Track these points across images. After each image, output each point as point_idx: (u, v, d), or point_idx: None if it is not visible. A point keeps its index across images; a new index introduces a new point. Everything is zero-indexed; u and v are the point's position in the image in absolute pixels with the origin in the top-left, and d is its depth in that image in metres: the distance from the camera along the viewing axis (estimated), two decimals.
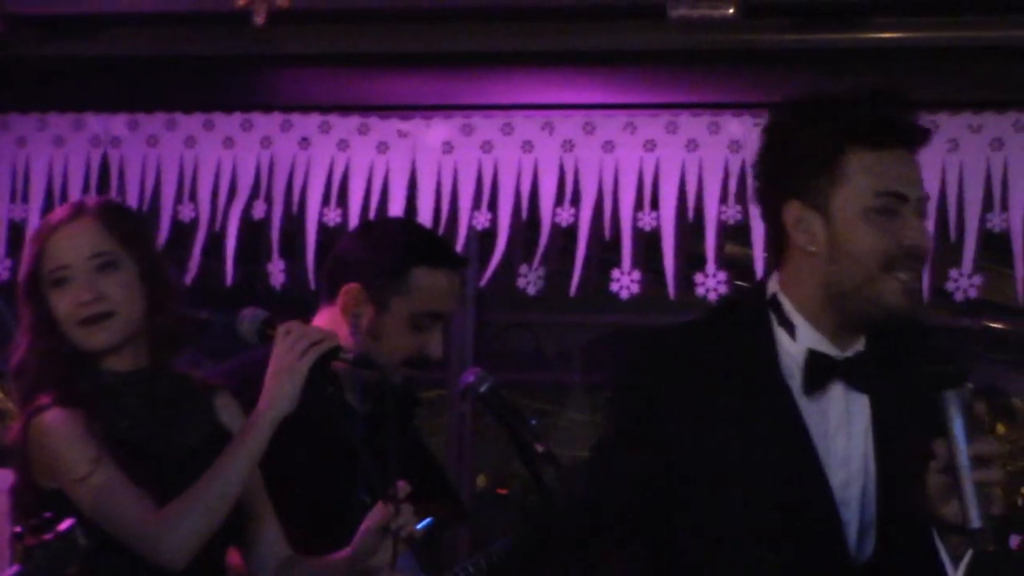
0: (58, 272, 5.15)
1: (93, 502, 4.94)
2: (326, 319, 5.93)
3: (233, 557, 5.38)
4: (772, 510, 4.41)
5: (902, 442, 4.46)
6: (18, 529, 4.57)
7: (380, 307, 5.88)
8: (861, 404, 4.46)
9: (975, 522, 4.16)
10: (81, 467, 4.98)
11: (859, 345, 4.50)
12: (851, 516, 4.43)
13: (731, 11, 7.23)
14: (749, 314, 4.61)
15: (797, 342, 4.47)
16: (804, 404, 4.42)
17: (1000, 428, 10.46)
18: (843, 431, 4.44)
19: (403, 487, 5.16)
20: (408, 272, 5.90)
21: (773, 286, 4.55)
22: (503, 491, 6.42)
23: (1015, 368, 9.58)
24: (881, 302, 4.47)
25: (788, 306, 4.50)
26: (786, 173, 4.50)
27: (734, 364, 4.51)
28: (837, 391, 4.45)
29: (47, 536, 4.45)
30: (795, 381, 4.45)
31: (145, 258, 5.29)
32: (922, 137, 4.46)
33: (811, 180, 4.43)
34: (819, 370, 4.41)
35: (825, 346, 4.44)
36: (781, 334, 4.49)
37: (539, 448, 5.69)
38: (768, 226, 4.62)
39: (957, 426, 4.26)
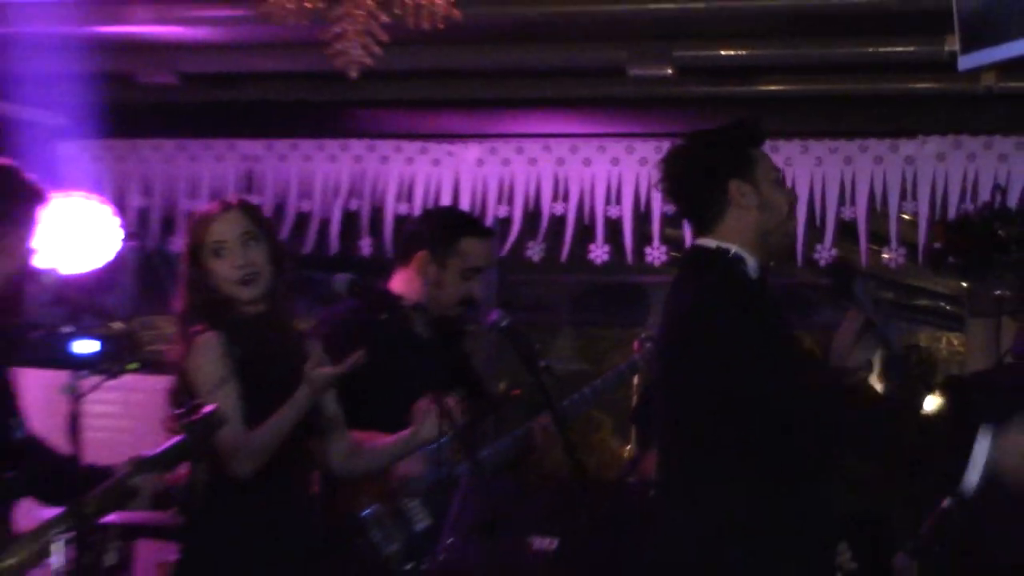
0: (217, 245, 5.40)
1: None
2: (402, 277, 6.30)
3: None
4: None
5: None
6: (180, 411, 4.84)
7: (440, 266, 6.27)
8: None
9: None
10: (210, 385, 5.21)
11: None
12: None
13: (670, 71, 7.47)
14: (721, 259, 4.86)
15: (750, 271, 4.84)
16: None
17: None
18: None
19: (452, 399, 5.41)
20: (459, 241, 6.32)
21: (710, 243, 4.88)
22: (517, 392, 6.87)
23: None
24: (791, 235, 5.08)
25: (735, 250, 4.82)
26: (727, 164, 4.88)
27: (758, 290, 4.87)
28: None
29: (197, 416, 4.77)
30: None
31: (271, 236, 5.56)
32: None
33: (742, 166, 4.87)
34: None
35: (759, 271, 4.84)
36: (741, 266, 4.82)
37: (541, 364, 5.78)
38: (705, 202, 4.89)
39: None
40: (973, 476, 4.35)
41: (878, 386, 5.03)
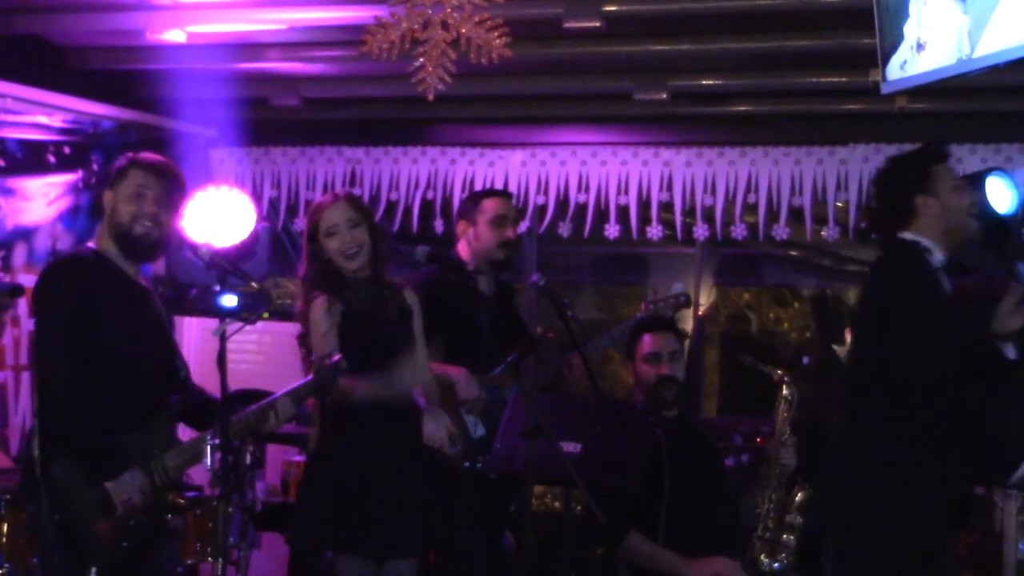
0: (331, 228, 5.45)
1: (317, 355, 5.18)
2: (459, 249, 6.32)
3: None
4: None
5: None
6: (314, 357, 5.13)
7: (472, 223, 6.31)
8: None
9: None
10: (318, 335, 5.29)
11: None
12: None
13: (666, 96, 7.41)
14: (912, 250, 4.87)
15: (934, 260, 4.85)
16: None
17: None
18: None
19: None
20: (479, 202, 6.36)
21: (908, 236, 4.90)
22: (551, 335, 6.90)
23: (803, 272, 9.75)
24: (969, 233, 5.01)
25: (925, 243, 4.86)
26: (912, 182, 4.95)
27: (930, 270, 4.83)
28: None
29: (328, 362, 4.98)
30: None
31: (370, 220, 5.59)
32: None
33: (924, 181, 4.91)
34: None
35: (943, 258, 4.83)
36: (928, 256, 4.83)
37: (569, 312, 5.81)
38: (897, 212, 4.93)
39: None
40: None
41: None
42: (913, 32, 5.50)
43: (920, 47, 5.47)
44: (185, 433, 5.08)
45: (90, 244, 5.01)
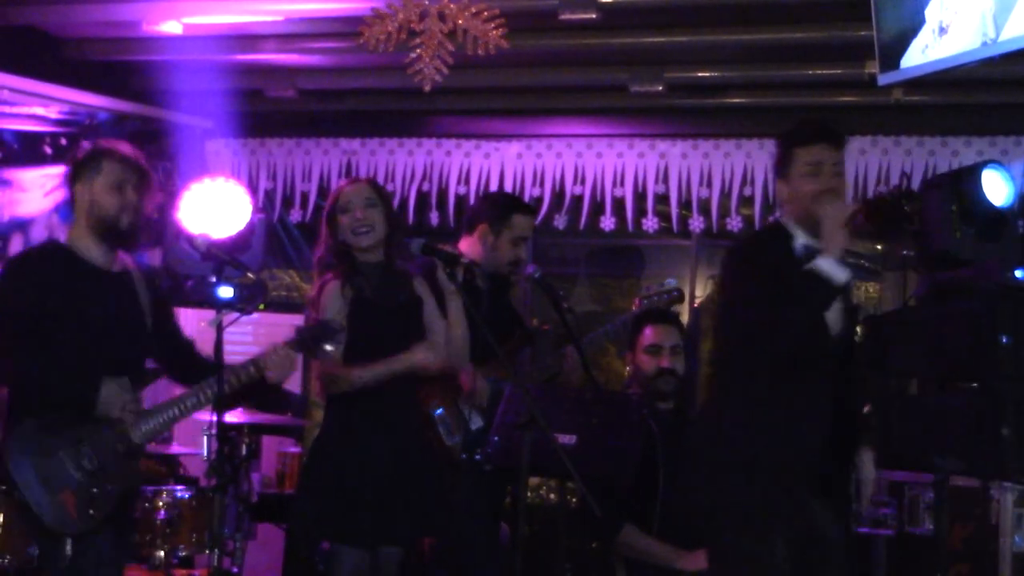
0: (345, 205, 5.47)
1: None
2: (467, 243, 6.19)
3: None
4: None
5: None
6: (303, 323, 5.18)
7: (496, 235, 6.16)
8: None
9: None
10: (330, 315, 5.24)
11: None
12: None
13: (661, 88, 7.39)
14: (774, 234, 4.74)
15: (796, 240, 4.67)
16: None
17: None
18: None
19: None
20: (511, 216, 6.21)
21: (777, 219, 4.84)
22: (546, 327, 6.88)
23: None
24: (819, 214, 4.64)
25: (790, 226, 4.67)
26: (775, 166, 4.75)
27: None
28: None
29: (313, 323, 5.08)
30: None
31: (388, 204, 5.61)
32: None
33: (782, 166, 4.71)
34: (810, 256, 4.54)
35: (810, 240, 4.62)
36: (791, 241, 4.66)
37: (564, 304, 5.93)
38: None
39: None
40: None
41: None
42: (936, 15, 5.42)
43: (943, 31, 5.40)
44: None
45: (56, 238, 5.04)
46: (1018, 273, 5.53)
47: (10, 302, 4.77)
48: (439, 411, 5.80)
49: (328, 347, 5.01)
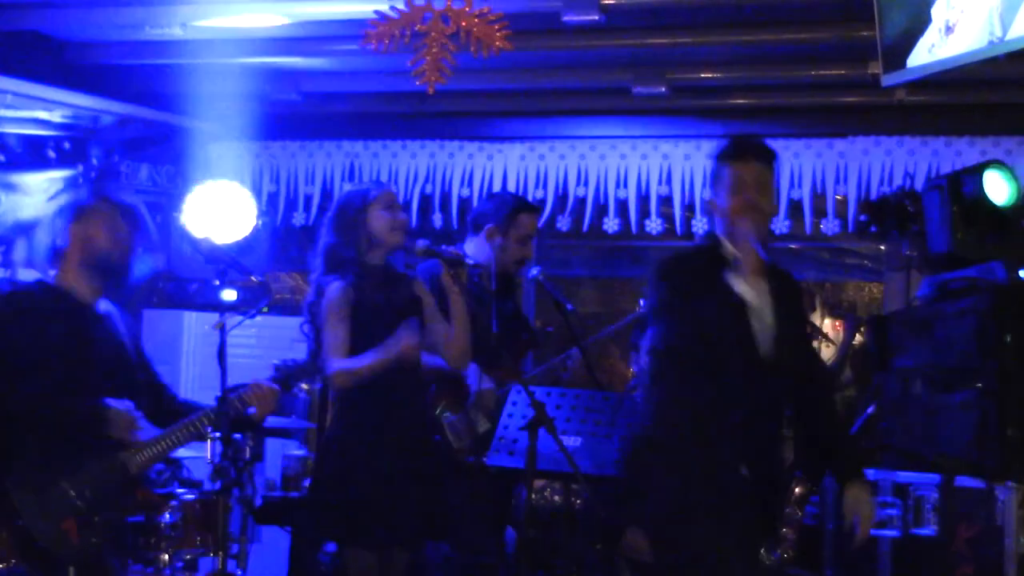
0: (390, 204, 5.50)
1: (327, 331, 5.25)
2: (474, 243, 6.26)
3: None
4: None
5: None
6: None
7: (503, 235, 6.23)
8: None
9: None
10: (332, 320, 5.26)
11: None
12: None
13: (664, 90, 7.41)
14: (708, 242, 4.80)
15: (726, 251, 4.64)
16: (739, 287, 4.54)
17: None
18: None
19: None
20: (517, 216, 6.28)
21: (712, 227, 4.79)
22: (550, 328, 6.93)
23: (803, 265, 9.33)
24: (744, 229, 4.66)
25: (720, 234, 4.69)
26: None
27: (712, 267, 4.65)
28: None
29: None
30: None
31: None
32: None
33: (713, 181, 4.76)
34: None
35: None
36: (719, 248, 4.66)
37: (567, 306, 6.04)
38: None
39: None
40: None
41: None
42: (942, 14, 5.41)
43: (949, 30, 5.38)
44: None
45: (43, 278, 5.05)
46: (1022, 272, 5.53)
47: (10, 336, 4.81)
48: (447, 415, 5.83)
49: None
